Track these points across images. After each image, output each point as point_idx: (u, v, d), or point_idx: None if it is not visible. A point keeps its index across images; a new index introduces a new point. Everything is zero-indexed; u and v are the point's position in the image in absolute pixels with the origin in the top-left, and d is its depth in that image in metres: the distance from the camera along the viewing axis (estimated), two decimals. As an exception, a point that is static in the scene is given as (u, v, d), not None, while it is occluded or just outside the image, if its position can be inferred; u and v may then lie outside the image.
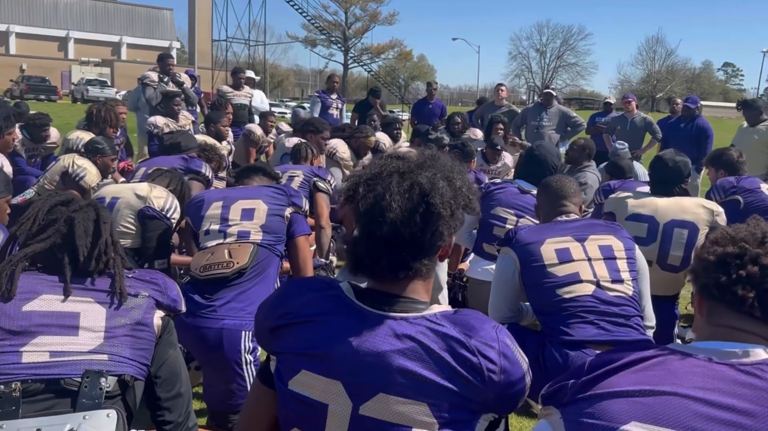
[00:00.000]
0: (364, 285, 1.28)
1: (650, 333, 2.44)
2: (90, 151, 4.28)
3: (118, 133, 5.58)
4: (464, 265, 4.14)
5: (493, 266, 3.49)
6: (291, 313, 1.25)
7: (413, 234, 1.18)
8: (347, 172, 5.57)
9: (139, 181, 3.96)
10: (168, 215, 2.99)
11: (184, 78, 8.08)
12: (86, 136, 4.78)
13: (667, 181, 3.23)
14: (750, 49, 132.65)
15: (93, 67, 47.45)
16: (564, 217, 2.56)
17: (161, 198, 3.00)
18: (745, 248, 1.10)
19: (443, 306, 1.24)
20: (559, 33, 72.69)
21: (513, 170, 6.52)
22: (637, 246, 2.48)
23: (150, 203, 2.96)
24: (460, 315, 1.21)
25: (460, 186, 1.24)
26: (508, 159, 6.41)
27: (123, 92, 28.97)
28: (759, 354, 1.05)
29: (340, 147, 5.59)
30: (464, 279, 4.06)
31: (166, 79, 7.67)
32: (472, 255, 3.87)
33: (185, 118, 6.76)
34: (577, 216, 2.60)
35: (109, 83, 41.70)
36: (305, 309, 1.24)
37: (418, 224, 1.17)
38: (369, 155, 5.91)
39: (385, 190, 1.18)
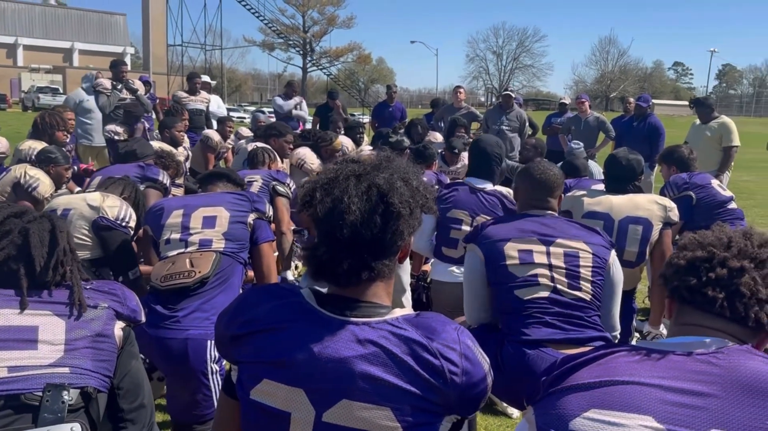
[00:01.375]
0: (325, 290, 1.28)
1: (616, 333, 2.50)
2: (42, 161, 4.17)
3: (68, 139, 5.45)
4: (427, 267, 4.18)
5: (455, 267, 3.56)
6: (251, 321, 1.24)
7: (374, 235, 1.18)
8: None
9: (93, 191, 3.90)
10: (124, 224, 2.92)
11: (138, 85, 7.94)
12: (38, 146, 4.66)
13: (621, 178, 3.33)
14: (698, 48, 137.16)
15: (44, 74, 46.14)
16: (540, 213, 2.52)
17: (115, 207, 2.92)
18: (714, 252, 1.17)
19: (405, 309, 1.25)
20: (514, 35, 73.89)
21: None
22: (614, 256, 2.44)
23: (104, 213, 2.88)
24: (422, 318, 1.22)
25: (417, 185, 1.26)
26: (466, 159, 6.50)
27: (69, 94, 28.28)
28: (714, 343, 1.11)
29: (308, 156, 5.56)
30: (428, 281, 4.09)
31: (119, 86, 7.52)
32: (437, 261, 3.90)
33: (141, 131, 6.66)
34: (553, 213, 2.56)
35: (61, 90, 40.60)
36: (266, 317, 1.23)
37: (378, 224, 1.18)
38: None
39: (342, 193, 1.18)
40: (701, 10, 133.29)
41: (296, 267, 4.87)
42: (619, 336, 2.52)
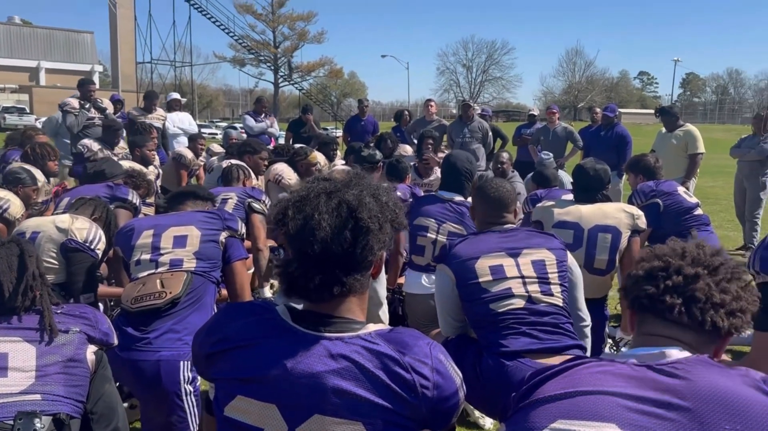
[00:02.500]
0: (300, 306, 1.29)
1: (588, 331, 2.55)
2: (10, 182, 4.10)
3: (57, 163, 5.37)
4: (402, 280, 4.20)
5: (425, 277, 3.62)
6: (226, 339, 1.25)
7: (344, 250, 1.20)
8: None
9: (62, 212, 3.84)
10: (92, 246, 2.86)
11: (107, 104, 7.86)
12: (32, 168, 4.59)
13: (590, 188, 3.39)
14: (662, 58, 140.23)
15: (9, 93, 45.32)
16: (501, 227, 2.61)
17: (84, 229, 2.87)
18: (669, 261, 1.23)
19: (379, 325, 1.27)
20: (483, 48, 74.82)
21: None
22: (570, 255, 2.57)
23: (72, 235, 2.83)
24: (394, 333, 1.24)
25: (386, 201, 1.28)
26: (440, 172, 6.56)
27: (43, 119, 27.86)
28: (673, 354, 1.16)
29: (285, 172, 5.55)
30: (403, 294, 4.11)
31: (87, 106, 7.43)
32: (409, 270, 3.94)
33: (120, 148, 6.57)
34: (511, 226, 2.65)
35: (28, 110, 39.93)
36: (240, 334, 1.25)
37: (348, 240, 1.20)
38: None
39: (313, 210, 1.21)
40: (664, 21, 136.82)
41: (272, 286, 4.84)
42: (590, 324, 2.57)
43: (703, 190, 12.85)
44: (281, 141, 10.42)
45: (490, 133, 8.39)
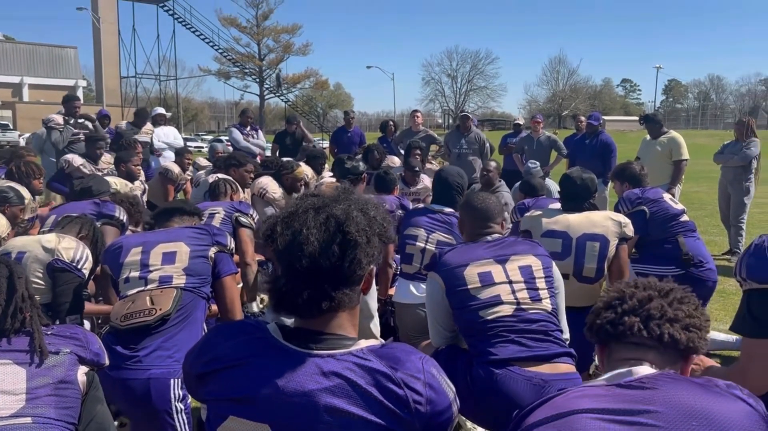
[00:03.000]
0: (290, 323, 1.29)
1: (567, 343, 2.58)
2: (-3, 201, 4.07)
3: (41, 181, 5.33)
4: (393, 290, 4.20)
5: (412, 286, 3.64)
6: (217, 359, 1.25)
7: (332, 264, 1.21)
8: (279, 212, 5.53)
9: (49, 230, 3.80)
10: (79, 266, 2.82)
11: (92, 116, 7.85)
12: (17, 186, 4.55)
13: (577, 197, 3.42)
14: (644, 65, 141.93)
15: (-8, 109, 44.98)
16: (488, 238, 2.66)
17: (71, 248, 2.83)
18: (624, 291, 1.39)
19: (371, 341, 1.27)
20: (468, 58, 75.19)
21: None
22: (553, 263, 2.62)
23: (59, 255, 2.78)
24: (386, 348, 1.24)
25: (374, 215, 1.29)
26: (427, 181, 6.61)
27: (27, 135, 27.63)
28: (640, 371, 1.26)
29: (270, 186, 5.54)
30: (394, 304, 4.11)
31: (72, 121, 7.40)
32: (399, 280, 3.96)
33: (106, 163, 6.54)
34: (499, 236, 2.69)
35: (11, 126, 39.63)
36: (231, 353, 1.24)
37: (336, 254, 1.21)
38: (302, 189, 5.94)
39: (302, 225, 1.22)
40: (646, 29, 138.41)
41: (261, 301, 4.82)
42: (569, 338, 2.59)
43: (687, 195, 12.97)
44: (268, 153, 10.41)
45: (487, 144, 8.45)
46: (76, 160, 6.10)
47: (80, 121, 7.53)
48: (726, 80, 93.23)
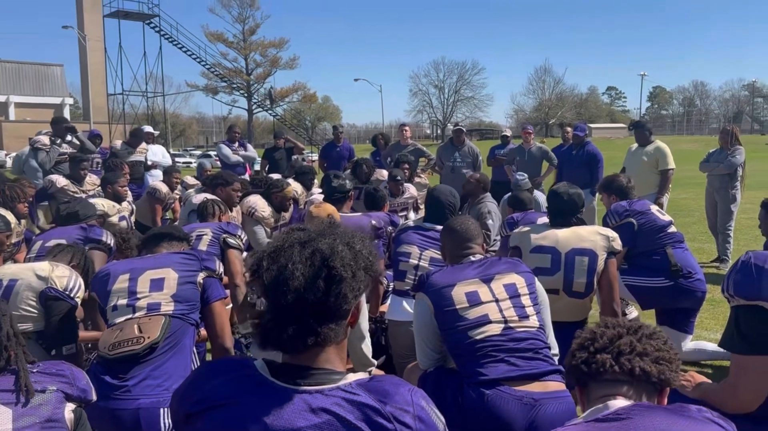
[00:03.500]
0: (279, 359, 1.28)
1: (555, 359, 2.58)
2: (-19, 228, 4.02)
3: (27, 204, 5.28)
4: (384, 307, 4.19)
5: (405, 302, 3.64)
6: (205, 399, 1.23)
7: (317, 299, 1.21)
8: (268, 230, 5.54)
9: (36, 256, 3.76)
10: (72, 295, 2.80)
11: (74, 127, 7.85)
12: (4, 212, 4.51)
13: (564, 212, 3.44)
14: (629, 72, 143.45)
15: (-22, 129, 44.65)
16: (471, 258, 2.70)
17: (64, 277, 2.82)
18: (594, 332, 1.45)
19: (359, 374, 1.26)
20: (454, 69, 75.44)
21: (419, 200, 6.82)
22: (536, 279, 2.66)
23: (52, 283, 2.76)
24: (375, 382, 1.23)
25: (359, 249, 1.29)
26: (412, 189, 6.67)
27: (13, 154, 27.47)
28: (615, 404, 1.32)
29: (259, 204, 5.53)
30: (385, 323, 4.10)
31: (58, 141, 7.38)
32: (392, 297, 3.95)
33: (91, 184, 6.50)
34: (481, 257, 2.73)
35: (-3, 145, 39.38)
36: (218, 392, 1.23)
37: (321, 288, 1.21)
38: (291, 206, 5.94)
39: (287, 260, 1.22)
40: (629, 37, 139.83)
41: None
42: (558, 354, 2.60)
43: (675, 202, 13.06)
44: (257, 166, 10.44)
45: (480, 158, 8.48)
46: (60, 180, 6.06)
47: (68, 138, 7.50)
48: (710, 86, 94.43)
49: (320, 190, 6.62)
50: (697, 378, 2.29)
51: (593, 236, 3.32)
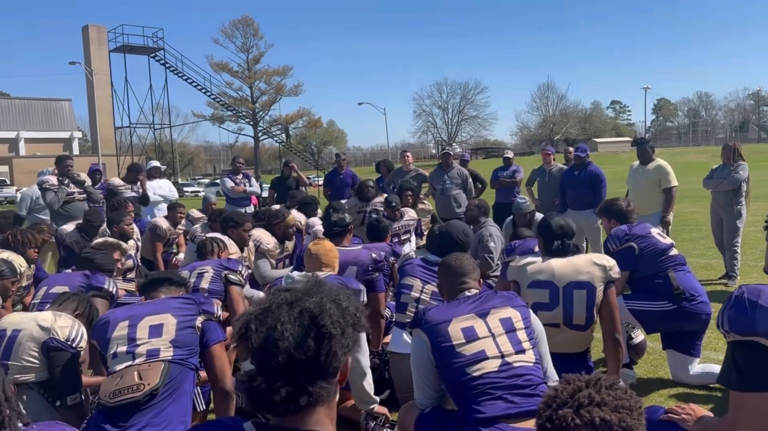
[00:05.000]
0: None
1: None
2: (-12, 274, 4.06)
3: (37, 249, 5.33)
4: (387, 339, 4.19)
5: (405, 335, 3.64)
6: None
7: (308, 358, 1.21)
8: (273, 262, 5.58)
9: (40, 302, 3.80)
10: (74, 345, 2.83)
11: (84, 177, 7.89)
12: (13, 256, 4.56)
13: (557, 241, 3.43)
14: (632, 86, 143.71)
15: (-11, 166, 45.26)
16: (467, 293, 2.71)
17: (66, 327, 2.85)
18: (556, 389, 1.46)
19: None
20: (457, 89, 75.94)
21: (423, 225, 6.84)
22: (531, 312, 2.67)
23: (54, 334, 2.79)
24: None
25: (346, 306, 1.30)
26: (411, 212, 6.70)
27: (24, 189, 27.80)
28: None
29: (264, 238, 5.58)
30: (387, 356, 4.08)
31: (66, 181, 7.46)
32: (394, 329, 3.95)
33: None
34: (476, 291, 2.74)
35: (8, 181, 39.82)
36: None
37: (312, 348, 1.21)
38: (293, 238, 5.99)
39: (275, 321, 1.22)
40: (631, 50, 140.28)
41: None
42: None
43: (682, 216, 12.98)
44: (265, 193, 10.52)
45: (470, 179, 8.53)
46: (72, 235, 6.15)
47: (77, 176, 7.58)
48: (714, 96, 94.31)
49: (321, 222, 6.67)
50: (698, 412, 2.27)
51: (590, 267, 3.30)
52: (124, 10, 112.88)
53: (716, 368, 4.19)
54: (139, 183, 8.17)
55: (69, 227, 6.23)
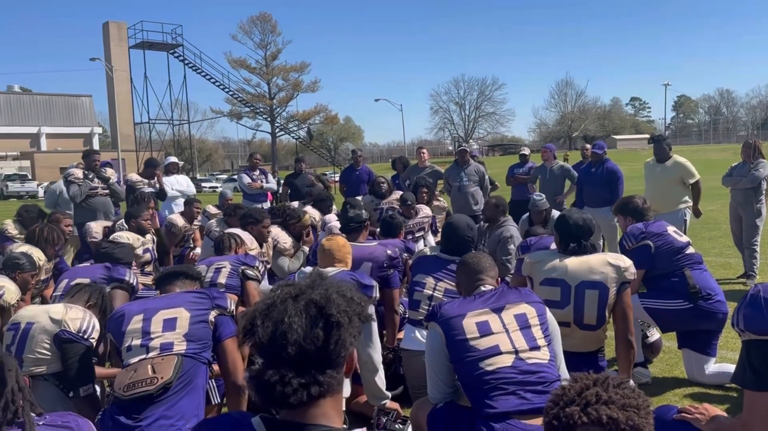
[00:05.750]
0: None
1: None
2: (9, 267, 4.13)
3: (58, 247, 5.41)
4: (401, 335, 4.19)
5: (418, 332, 3.64)
6: None
7: (318, 349, 1.22)
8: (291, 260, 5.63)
9: (61, 294, 3.86)
10: (86, 336, 2.87)
11: (110, 173, 8.00)
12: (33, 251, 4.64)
13: (574, 238, 3.38)
14: (652, 82, 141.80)
15: (11, 161, 45.97)
16: (482, 288, 2.72)
17: (77, 319, 2.89)
18: (564, 387, 1.47)
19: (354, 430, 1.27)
20: (474, 86, 75.52)
21: (438, 222, 6.83)
22: (548, 309, 2.65)
23: (66, 326, 2.84)
24: None
25: (351, 296, 1.31)
26: (426, 209, 6.68)
27: (45, 184, 28.17)
28: None
29: (281, 237, 5.63)
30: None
31: (90, 176, 7.59)
32: (406, 326, 3.95)
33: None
34: (492, 287, 2.73)
35: (30, 176, 40.41)
36: None
37: (321, 337, 1.22)
38: (310, 235, 6.03)
39: (282, 314, 1.22)
40: (651, 47, 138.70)
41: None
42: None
43: (702, 215, 12.82)
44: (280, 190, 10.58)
45: (487, 176, 8.49)
46: (95, 232, 6.28)
47: (103, 171, 7.71)
48: (736, 93, 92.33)
49: (336, 218, 6.69)
50: (711, 412, 2.25)
51: (604, 267, 3.26)
52: (143, 6, 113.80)
53: (732, 368, 4.14)
54: (156, 178, 8.25)
55: (96, 224, 6.35)
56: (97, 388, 3.42)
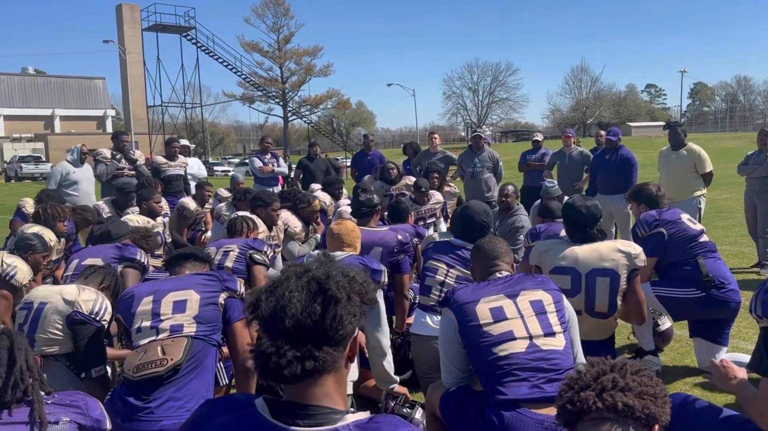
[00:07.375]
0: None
1: None
2: (21, 248, 4.16)
3: (68, 223, 5.43)
4: (411, 320, 4.19)
5: (428, 317, 3.62)
6: None
7: (314, 322, 1.23)
8: (300, 244, 5.65)
9: (72, 274, 3.88)
10: (98, 318, 2.89)
11: (138, 155, 8.05)
12: (45, 231, 4.67)
13: (582, 226, 3.36)
14: (669, 69, 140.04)
15: (26, 143, 46.32)
16: (497, 274, 2.69)
17: (90, 301, 2.91)
18: (580, 371, 1.46)
19: (358, 414, 1.26)
20: (488, 71, 74.79)
21: (449, 208, 6.80)
22: (564, 296, 2.61)
23: (78, 307, 2.86)
24: (373, 423, 1.23)
25: (353, 276, 1.32)
26: (438, 196, 6.66)
27: (53, 165, 28.34)
28: None
29: (291, 221, 5.64)
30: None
31: (118, 156, 7.68)
32: (416, 311, 3.94)
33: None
34: (508, 273, 2.71)
35: (44, 158, 40.70)
36: None
37: (317, 312, 1.23)
38: (320, 224, 6.04)
39: (284, 290, 1.25)
40: (667, 33, 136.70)
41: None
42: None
43: (716, 203, 12.70)
44: (292, 173, 10.59)
45: (501, 163, 8.44)
46: (105, 208, 6.33)
47: (132, 153, 7.80)
48: (753, 80, 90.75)
49: (348, 203, 6.68)
50: (737, 372, 2.20)
51: (614, 254, 3.23)
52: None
53: (744, 357, 4.10)
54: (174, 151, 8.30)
55: (104, 202, 6.40)
56: (108, 369, 3.46)
